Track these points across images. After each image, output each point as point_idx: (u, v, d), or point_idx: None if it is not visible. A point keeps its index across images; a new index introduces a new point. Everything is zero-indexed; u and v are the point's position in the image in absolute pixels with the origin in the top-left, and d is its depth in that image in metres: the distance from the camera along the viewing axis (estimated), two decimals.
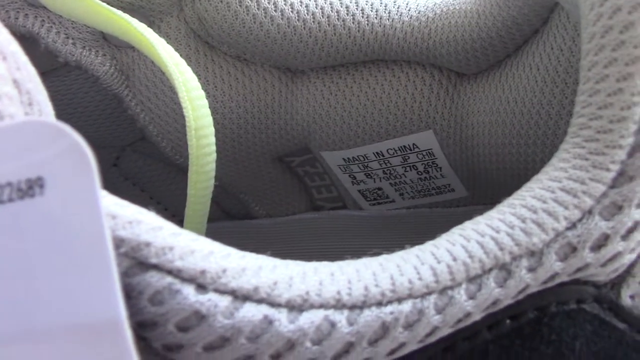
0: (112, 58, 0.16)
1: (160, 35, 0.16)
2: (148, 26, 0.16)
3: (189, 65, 0.17)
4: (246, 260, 0.09)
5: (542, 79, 0.15)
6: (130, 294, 0.08)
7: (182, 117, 0.16)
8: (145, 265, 0.08)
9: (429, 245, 0.10)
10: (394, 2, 0.16)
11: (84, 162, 0.08)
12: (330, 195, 0.21)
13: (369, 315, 0.09)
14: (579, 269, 0.10)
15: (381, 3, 0.16)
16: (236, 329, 0.09)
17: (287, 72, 0.17)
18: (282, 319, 0.09)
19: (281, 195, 0.21)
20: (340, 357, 0.09)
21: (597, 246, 0.10)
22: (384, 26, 0.16)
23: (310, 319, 0.09)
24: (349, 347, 0.09)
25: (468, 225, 0.10)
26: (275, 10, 0.16)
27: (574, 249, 0.10)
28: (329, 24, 0.16)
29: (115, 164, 0.21)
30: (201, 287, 0.08)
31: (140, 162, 0.20)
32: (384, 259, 0.10)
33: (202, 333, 0.09)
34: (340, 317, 0.09)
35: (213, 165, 0.15)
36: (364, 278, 0.09)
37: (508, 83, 0.16)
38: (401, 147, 0.18)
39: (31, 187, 0.08)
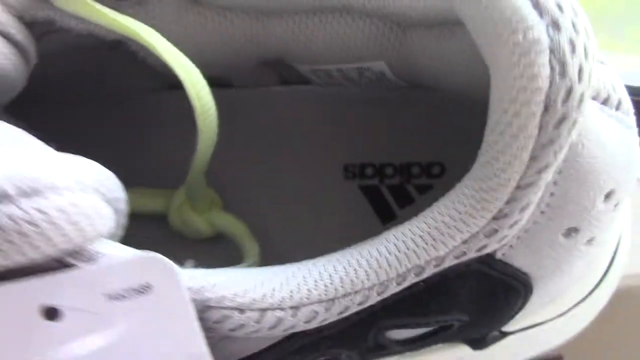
0: None
1: (153, 4, 0.19)
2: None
3: (180, 18, 0.20)
4: (248, 284, 0.15)
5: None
6: (202, 317, 0.14)
7: None
8: (210, 307, 0.14)
9: (374, 252, 0.16)
10: None
11: (172, 272, 0.13)
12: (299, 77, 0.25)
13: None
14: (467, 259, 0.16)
15: None
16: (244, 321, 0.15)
17: (262, 14, 0.20)
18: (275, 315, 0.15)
19: (258, 73, 0.25)
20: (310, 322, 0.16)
21: (479, 249, 0.16)
22: None
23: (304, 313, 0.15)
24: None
25: (399, 239, 0.16)
26: None
27: (464, 253, 0.16)
28: None
29: None
30: (240, 310, 0.14)
31: None
32: (346, 262, 0.16)
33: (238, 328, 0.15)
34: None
35: (215, 120, 0.19)
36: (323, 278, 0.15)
37: (448, 44, 0.19)
38: (358, 67, 0.22)
39: (144, 288, 0.13)
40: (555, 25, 0.13)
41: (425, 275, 0.16)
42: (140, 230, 0.19)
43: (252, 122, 0.26)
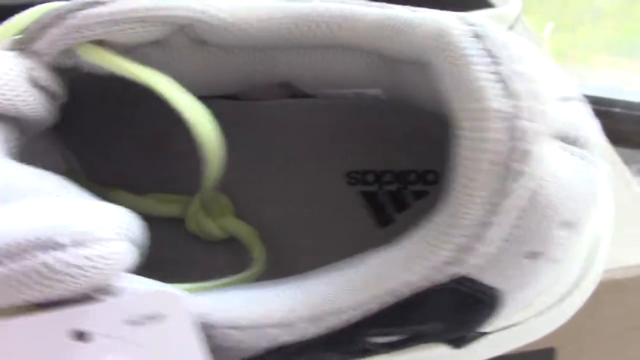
0: None
1: (169, 46, 0.21)
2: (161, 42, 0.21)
3: (191, 57, 0.22)
4: (247, 308, 0.17)
5: None
6: (208, 334, 0.17)
7: None
8: (214, 327, 0.17)
9: (355, 276, 0.18)
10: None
11: (181, 304, 0.16)
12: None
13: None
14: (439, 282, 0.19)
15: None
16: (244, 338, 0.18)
17: (267, 48, 0.23)
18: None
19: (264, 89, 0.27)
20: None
21: (449, 274, 0.18)
22: (341, 37, 0.21)
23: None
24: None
25: (378, 265, 0.18)
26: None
27: (436, 278, 0.18)
28: (301, 35, 0.21)
29: None
30: (240, 329, 0.17)
31: None
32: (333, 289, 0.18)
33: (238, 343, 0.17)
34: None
35: (222, 157, 0.21)
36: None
37: (434, 80, 0.21)
38: (355, 92, 0.24)
39: (158, 316, 0.16)
40: (515, 94, 0.15)
41: (402, 297, 0.18)
42: (160, 232, 0.22)
43: (259, 132, 0.29)
